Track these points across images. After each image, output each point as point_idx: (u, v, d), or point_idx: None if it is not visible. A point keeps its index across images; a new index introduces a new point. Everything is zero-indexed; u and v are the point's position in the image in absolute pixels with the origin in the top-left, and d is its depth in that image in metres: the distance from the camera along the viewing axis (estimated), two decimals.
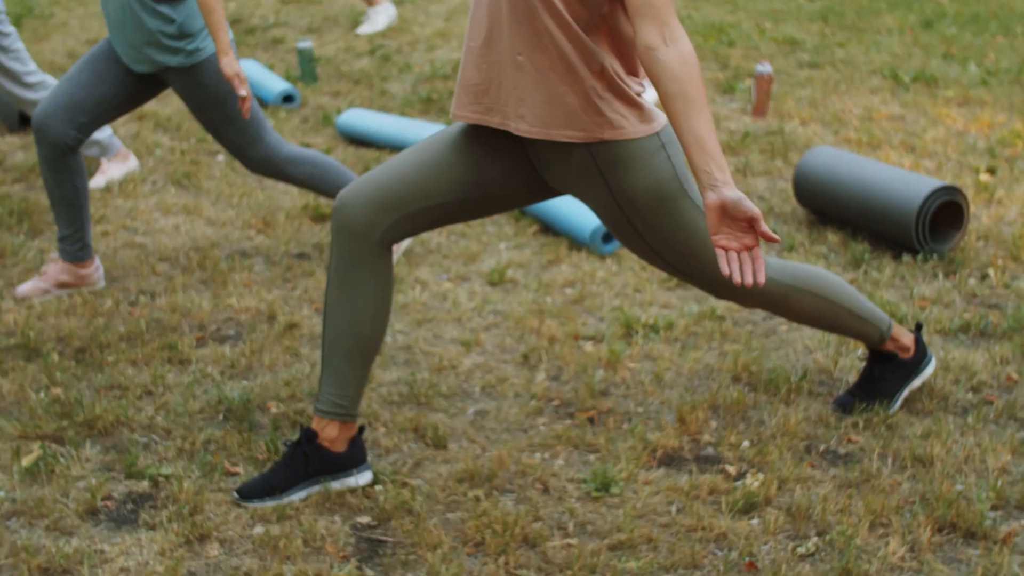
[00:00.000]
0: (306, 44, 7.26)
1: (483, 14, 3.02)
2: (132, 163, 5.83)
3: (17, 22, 9.14)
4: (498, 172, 3.15)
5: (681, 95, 2.74)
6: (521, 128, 3.00)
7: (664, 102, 2.77)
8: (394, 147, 6.06)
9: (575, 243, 4.91)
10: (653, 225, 3.09)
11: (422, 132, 5.93)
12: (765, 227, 2.72)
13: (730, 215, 2.74)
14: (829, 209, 4.99)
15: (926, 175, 5.58)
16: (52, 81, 5.57)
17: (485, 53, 3.02)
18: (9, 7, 9.67)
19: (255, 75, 7.00)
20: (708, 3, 9.71)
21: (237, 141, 4.46)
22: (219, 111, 4.36)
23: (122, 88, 4.35)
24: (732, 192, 2.72)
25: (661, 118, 3.06)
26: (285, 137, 6.35)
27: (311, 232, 5.09)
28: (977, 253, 4.79)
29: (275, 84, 6.89)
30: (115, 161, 5.76)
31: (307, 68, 7.29)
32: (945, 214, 4.84)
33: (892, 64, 7.67)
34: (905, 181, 4.75)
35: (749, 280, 2.75)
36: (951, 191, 4.71)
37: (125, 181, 5.71)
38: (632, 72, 3.02)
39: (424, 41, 8.32)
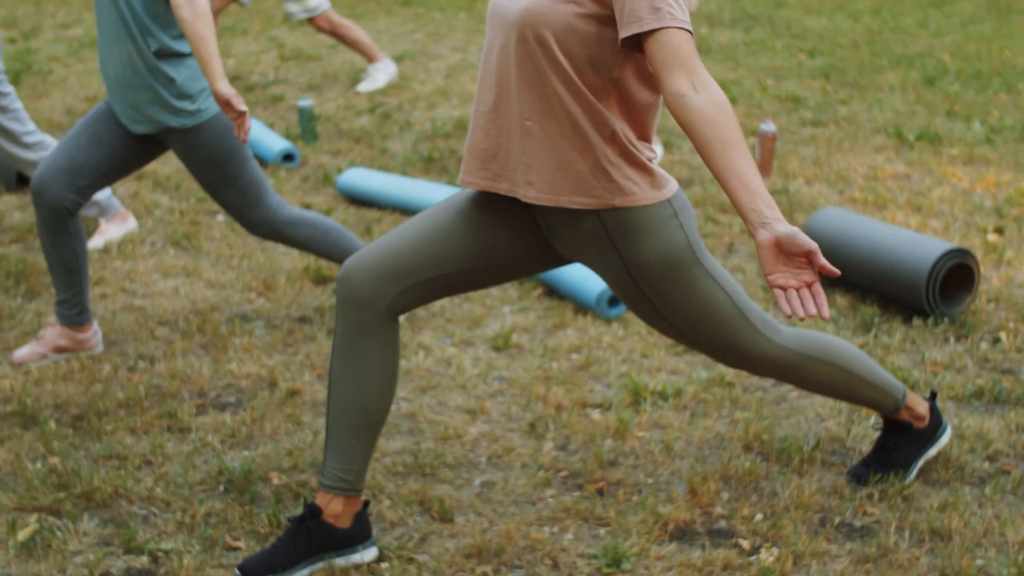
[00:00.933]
0: (306, 102, 7.22)
1: (491, 79, 2.97)
2: (131, 224, 5.77)
3: (16, 79, 9.10)
4: (507, 240, 3.09)
5: (718, 138, 2.67)
6: (530, 195, 2.95)
7: (702, 148, 2.68)
8: (395, 207, 6.00)
9: (580, 307, 4.85)
10: (664, 294, 3.02)
11: (423, 192, 5.87)
12: (823, 260, 2.63)
13: (785, 251, 2.65)
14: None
15: (934, 236, 5.53)
16: (51, 141, 5.51)
17: (493, 118, 2.97)
18: (8, 64, 9.64)
19: (255, 134, 6.95)
20: (709, 60, 9.69)
21: (238, 203, 4.40)
22: (219, 173, 4.30)
23: (121, 150, 4.29)
24: (785, 227, 2.63)
25: (672, 185, 3.00)
26: (285, 197, 6.29)
27: (312, 295, 5.02)
28: (988, 316, 4.72)
29: (275, 143, 6.84)
30: (114, 222, 5.70)
31: (307, 126, 7.24)
32: (955, 276, 4.78)
33: (896, 122, 7.64)
34: (914, 243, 4.69)
35: (813, 312, 2.65)
36: (961, 254, 4.65)
37: (124, 242, 5.65)
38: (644, 137, 2.97)
39: (425, 98, 8.28)
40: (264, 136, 6.92)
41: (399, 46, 10.14)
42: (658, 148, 6.57)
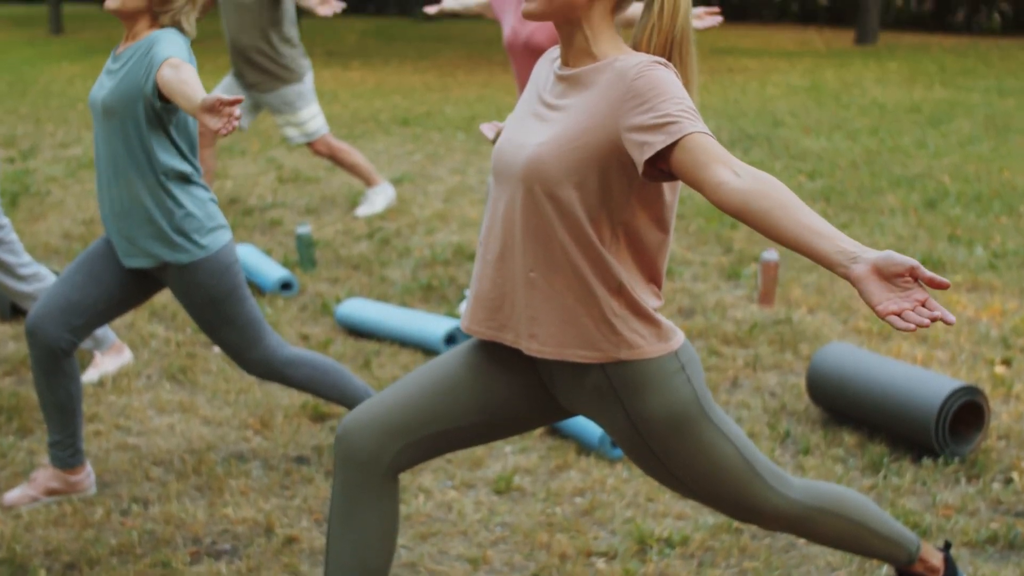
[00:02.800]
0: (305, 230, 7.18)
1: (498, 228, 2.91)
2: (126, 356, 5.69)
3: (13, 201, 9.08)
4: (511, 394, 3.01)
5: (777, 205, 2.55)
6: (533, 348, 2.88)
7: (762, 221, 2.55)
8: (394, 339, 5.93)
9: (583, 447, 4.75)
10: (671, 449, 2.94)
11: (422, 323, 5.81)
12: (929, 272, 2.50)
13: (887, 276, 2.51)
14: (845, 409, 4.85)
15: (941, 370, 5.46)
16: (46, 272, 5.45)
17: (499, 268, 2.92)
18: (5, 185, 9.63)
19: (252, 261, 6.90)
20: None
21: (235, 343, 4.32)
22: (217, 312, 4.23)
23: (118, 289, 4.23)
24: (876, 253, 2.48)
25: (679, 336, 2.94)
26: (283, 327, 6.22)
27: (310, 433, 4.93)
28: (999, 455, 4.63)
29: (273, 271, 6.78)
30: (109, 354, 5.62)
31: (305, 253, 7.20)
32: (965, 412, 4.70)
33: (898, 247, 7.59)
34: (923, 381, 4.62)
35: (937, 316, 2.50)
36: (971, 391, 4.57)
37: (119, 375, 5.56)
38: (652, 279, 2.90)
39: (423, 223, 8.25)
40: (262, 264, 6.87)
41: (398, 167, 10.14)
42: None
